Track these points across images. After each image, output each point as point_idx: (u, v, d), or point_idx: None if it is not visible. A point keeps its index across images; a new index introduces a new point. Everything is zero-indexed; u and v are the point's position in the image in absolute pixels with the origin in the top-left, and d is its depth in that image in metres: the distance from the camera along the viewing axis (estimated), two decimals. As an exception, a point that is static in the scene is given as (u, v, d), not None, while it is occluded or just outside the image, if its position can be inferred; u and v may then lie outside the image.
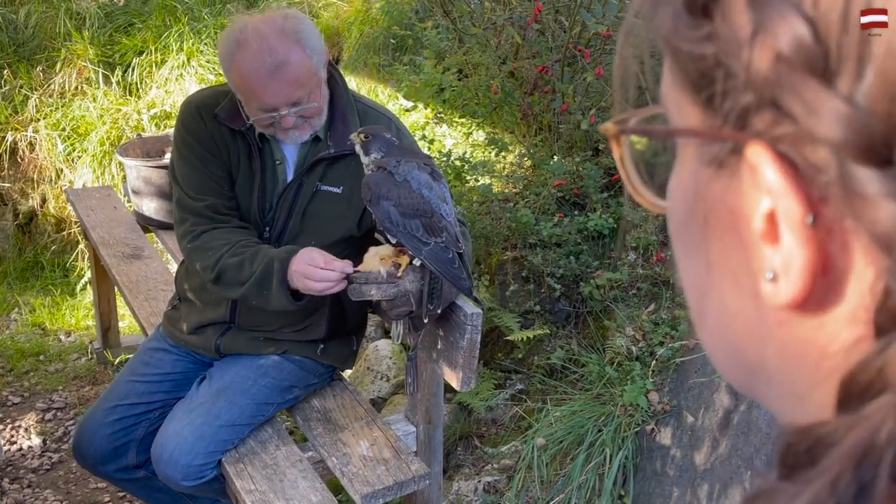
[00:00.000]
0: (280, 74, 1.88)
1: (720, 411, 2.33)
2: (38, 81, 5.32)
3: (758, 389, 0.42)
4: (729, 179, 0.37)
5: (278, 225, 2.09)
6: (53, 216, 5.15)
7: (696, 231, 0.40)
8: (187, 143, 2.07)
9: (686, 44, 0.36)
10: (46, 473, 3.12)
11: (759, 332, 0.38)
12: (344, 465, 2.06)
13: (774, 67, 0.33)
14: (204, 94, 2.16)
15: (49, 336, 4.20)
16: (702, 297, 0.42)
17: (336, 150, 2.05)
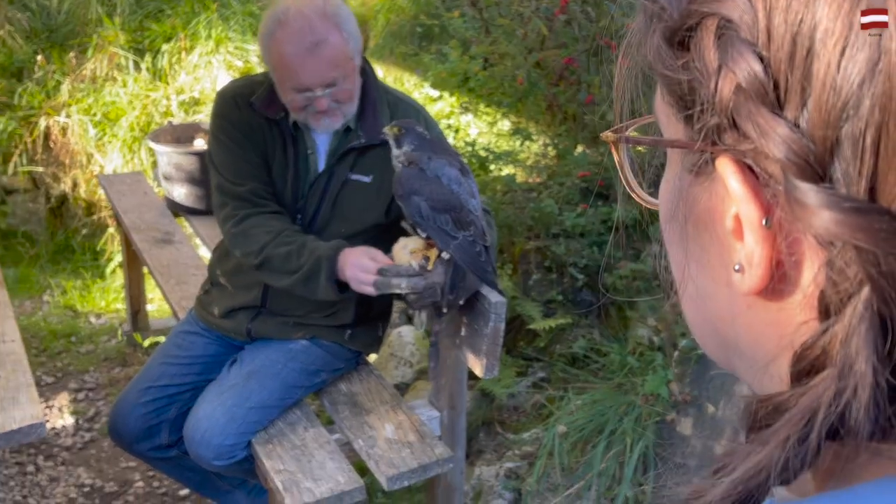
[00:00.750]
0: (318, 53, 1.94)
1: (741, 402, 2.36)
2: (71, 67, 5.39)
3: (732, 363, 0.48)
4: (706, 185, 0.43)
5: (310, 213, 2.15)
6: (84, 200, 5.24)
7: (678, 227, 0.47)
8: (225, 130, 2.13)
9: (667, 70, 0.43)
10: (79, 452, 3.21)
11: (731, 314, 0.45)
12: (370, 447, 2.12)
13: (734, 97, 0.39)
14: (238, 84, 2.22)
15: (80, 318, 4.29)
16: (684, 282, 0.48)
17: (366, 141, 2.10)
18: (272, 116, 2.09)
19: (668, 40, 0.42)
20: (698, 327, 0.50)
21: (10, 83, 5.32)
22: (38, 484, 3.00)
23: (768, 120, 0.38)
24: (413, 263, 1.88)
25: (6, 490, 2.93)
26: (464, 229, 1.87)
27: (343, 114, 2.06)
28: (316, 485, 1.98)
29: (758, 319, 0.43)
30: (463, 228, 1.86)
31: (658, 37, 0.43)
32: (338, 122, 2.06)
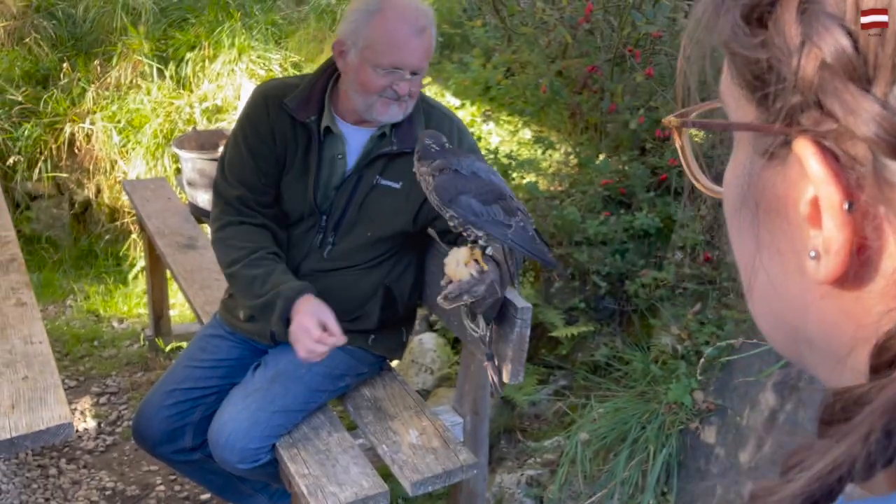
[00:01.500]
0: (423, 37, 2.01)
1: (766, 411, 2.35)
2: (96, 74, 5.45)
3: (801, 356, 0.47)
4: (779, 169, 0.42)
5: (336, 214, 2.16)
6: (108, 206, 5.28)
7: (748, 214, 0.46)
8: (243, 129, 2.16)
9: (743, 49, 0.42)
10: (101, 455, 3.22)
11: (803, 304, 0.44)
12: (394, 452, 2.12)
13: (819, 73, 0.38)
14: (274, 83, 2.25)
15: (103, 322, 4.32)
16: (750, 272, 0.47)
17: (398, 147, 2.11)
18: (302, 119, 2.10)
19: (746, 17, 0.41)
20: (766, 319, 0.48)
21: (36, 90, 5.38)
22: (61, 487, 3.02)
23: (856, 97, 0.37)
24: (473, 273, 1.86)
25: (29, 493, 2.95)
26: (513, 216, 1.86)
27: (407, 108, 2.09)
28: (340, 489, 1.99)
29: (832, 309, 0.42)
30: (512, 215, 1.86)
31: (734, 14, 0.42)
32: (401, 114, 2.08)
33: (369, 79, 2.03)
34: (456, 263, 1.88)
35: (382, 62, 2.00)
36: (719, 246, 2.91)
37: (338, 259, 2.19)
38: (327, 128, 2.13)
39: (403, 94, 2.04)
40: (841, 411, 0.39)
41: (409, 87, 2.04)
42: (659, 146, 3.21)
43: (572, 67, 3.53)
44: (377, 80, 2.02)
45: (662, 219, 3.01)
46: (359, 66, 2.03)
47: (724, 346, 2.57)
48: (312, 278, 2.19)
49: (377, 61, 2.01)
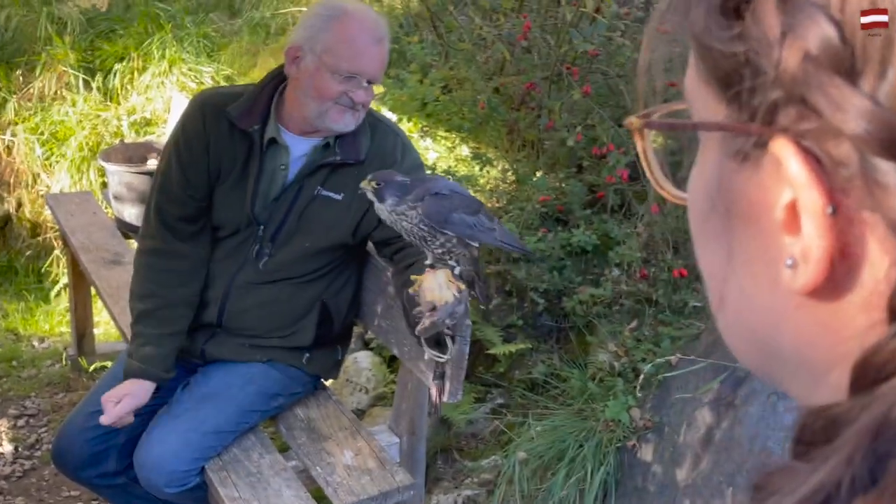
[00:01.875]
0: (381, 47, 2.02)
1: (702, 428, 2.35)
2: (18, 85, 5.27)
3: (774, 372, 0.44)
4: (752, 172, 0.39)
5: (274, 225, 2.10)
6: (29, 220, 5.10)
7: (717, 221, 0.42)
8: (176, 140, 2.12)
9: (716, 43, 0.38)
10: (18, 480, 3.07)
11: (776, 317, 0.40)
12: (328, 474, 2.05)
13: (802, 66, 0.35)
14: (214, 91, 2.24)
15: (22, 342, 4.15)
16: (721, 284, 0.44)
17: (342, 158, 2.07)
18: (245, 127, 2.05)
19: (720, 8, 0.38)
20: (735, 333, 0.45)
21: (-46, 100, 5.18)
22: (-26, 515, 2.86)
23: (843, 91, 0.34)
24: (455, 294, 1.80)
25: (-61, 521, 2.80)
26: (492, 220, 1.84)
27: (359, 118, 2.06)
28: (272, 513, 1.91)
29: (808, 322, 0.39)
30: (491, 219, 1.84)
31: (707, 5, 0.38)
32: (354, 123, 2.05)
33: (326, 85, 1.99)
34: (439, 287, 1.80)
35: (341, 68, 1.98)
36: (655, 263, 2.92)
37: (274, 271, 2.13)
38: (271, 139, 2.07)
39: (359, 103, 2.02)
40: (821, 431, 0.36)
41: (364, 95, 2.02)
42: (596, 164, 3.22)
43: (510, 84, 3.53)
44: (334, 87, 1.99)
45: (599, 236, 3.02)
46: (315, 72, 2.00)
47: (661, 362, 2.58)
48: (248, 290, 2.14)
49: (336, 67, 1.98)
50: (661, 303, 2.80)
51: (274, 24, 5.47)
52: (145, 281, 2.16)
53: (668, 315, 2.76)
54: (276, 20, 5.50)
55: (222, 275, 2.16)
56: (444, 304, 1.75)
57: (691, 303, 2.76)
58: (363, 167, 2.07)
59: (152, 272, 2.16)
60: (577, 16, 3.29)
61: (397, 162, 2.11)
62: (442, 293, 1.76)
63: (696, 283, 2.88)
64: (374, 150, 2.11)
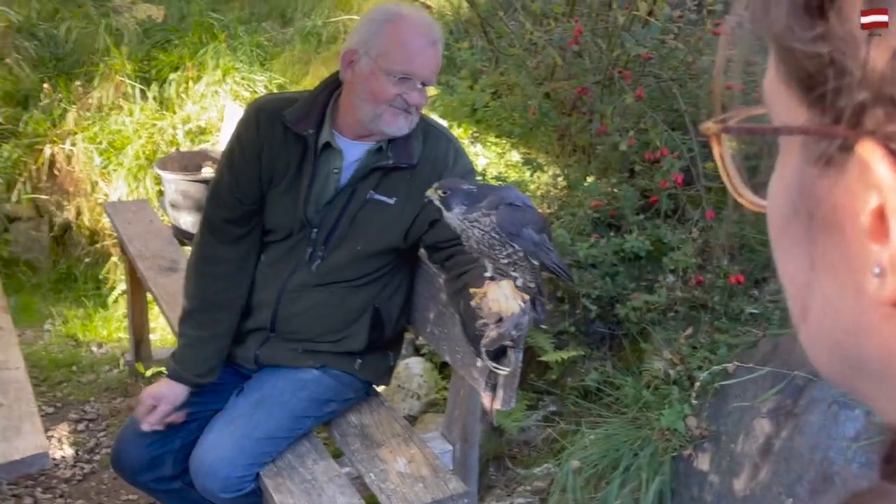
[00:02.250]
0: (435, 49, 2.04)
1: (761, 437, 2.30)
2: (77, 95, 5.39)
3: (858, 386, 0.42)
4: (836, 177, 0.37)
5: (326, 228, 2.13)
6: (88, 228, 5.21)
7: (799, 228, 0.41)
8: (231, 146, 2.17)
9: (799, 43, 0.37)
10: (78, 484, 3.13)
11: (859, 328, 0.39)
12: (382, 481, 2.06)
13: (891, 65, 0.33)
14: (270, 97, 2.29)
15: (82, 347, 4.23)
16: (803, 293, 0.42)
17: (394, 162, 2.09)
18: (300, 132, 2.08)
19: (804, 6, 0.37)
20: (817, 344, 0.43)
21: (16, 111, 5.32)
22: (36, 517, 2.93)
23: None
24: (521, 304, 1.78)
25: (3, 523, 2.86)
26: (552, 240, 1.83)
27: (412, 122, 2.08)
28: (326, 519, 1.92)
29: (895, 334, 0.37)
30: (552, 240, 1.82)
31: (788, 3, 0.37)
32: (407, 126, 2.07)
33: (381, 87, 2.02)
34: (504, 298, 1.77)
35: (396, 70, 2.00)
36: (711, 269, 2.88)
37: (326, 274, 2.15)
38: (326, 143, 2.10)
39: (413, 104, 2.03)
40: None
41: (418, 97, 2.03)
42: (649, 168, 3.18)
43: (561, 89, 3.51)
44: (389, 89, 2.01)
45: (653, 242, 2.98)
46: (370, 75, 2.02)
47: (717, 370, 2.53)
48: (301, 293, 2.16)
49: (391, 68, 2.00)
50: (717, 309, 2.75)
51: (325, 32, 5.51)
52: (189, 282, 2.23)
53: (724, 322, 2.71)
54: (328, 28, 5.54)
55: (275, 278, 2.18)
56: (511, 315, 1.72)
57: (748, 310, 2.71)
58: (415, 172, 2.10)
59: (195, 275, 2.22)
60: (630, 19, 3.26)
61: (449, 167, 2.12)
62: (508, 304, 1.72)
63: (753, 289, 2.83)
64: (427, 154, 2.12)
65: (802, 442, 2.19)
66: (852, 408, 2.18)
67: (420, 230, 2.12)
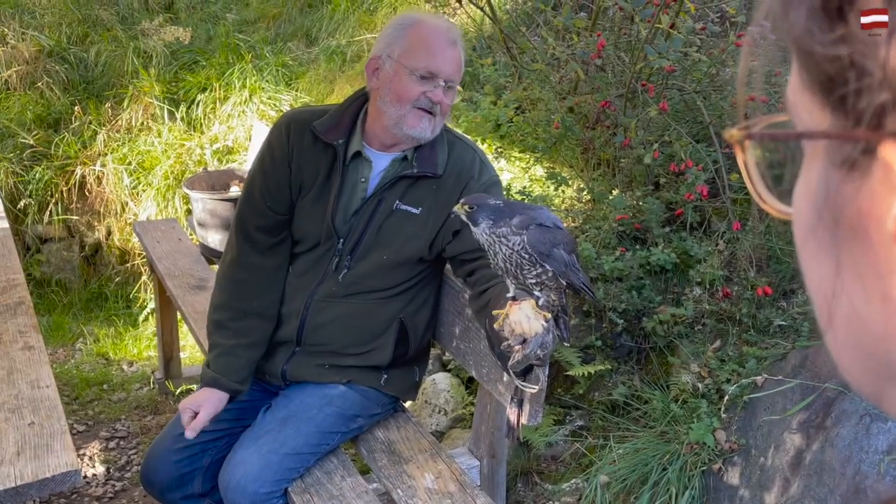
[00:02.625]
0: (455, 49, 2.09)
1: (791, 451, 2.27)
2: (107, 117, 5.48)
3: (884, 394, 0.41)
4: (860, 181, 0.37)
5: (354, 237, 2.15)
6: (118, 248, 5.27)
7: (824, 234, 0.40)
8: (262, 155, 2.22)
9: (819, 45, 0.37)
10: (110, 502, 3.16)
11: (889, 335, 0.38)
12: (409, 497, 2.05)
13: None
14: (302, 109, 2.35)
15: (112, 366, 4.28)
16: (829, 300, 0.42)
17: (419, 170, 2.11)
18: (330, 141, 2.12)
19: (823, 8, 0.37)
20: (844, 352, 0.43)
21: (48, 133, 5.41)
22: (69, 534, 2.95)
23: None
24: (544, 324, 1.78)
25: (36, 540, 2.89)
26: (579, 259, 1.83)
27: (435, 126, 2.11)
28: (354, 535, 1.92)
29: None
30: (578, 260, 1.82)
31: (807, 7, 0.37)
32: (430, 130, 2.10)
33: (404, 86, 2.06)
34: (527, 319, 1.76)
35: (418, 66, 2.04)
36: (738, 281, 2.86)
37: (353, 283, 2.17)
38: (356, 152, 2.14)
39: (437, 101, 2.06)
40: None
41: (442, 94, 2.06)
42: (674, 181, 3.17)
43: (584, 103, 3.51)
44: (412, 87, 2.05)
45: (679, 254, 2.97)
46: (394, 76, 2.07)
47: (746, 383, 2.51)
48: (328, 304, 2.18)
49: (413, 66, 2.05)
50: (745, 322, 2.73)
51: (350, 51, 5.56)
52: (222, 292, 2.24)
53: (752, 335, 2.69)
54: (352, 47, 5.59)
55: (302, 289, 2.20)
56: (534, 335, 1.72)
57: (777, 321, 2.69)
58: (441, 182, 2.12)
59: (229, 283, 2.23)
60: (652, 32, 3.25)
61: (474, 178, 2.13)
62: (531, 325, 1.72)
63: (782, 301, 2.80)
64: (452, 165, 2.15)
65: (834, 455, 2.16)
66: (885, 420, 2.16)
67: (444, 240, 2.14)
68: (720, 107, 3.19)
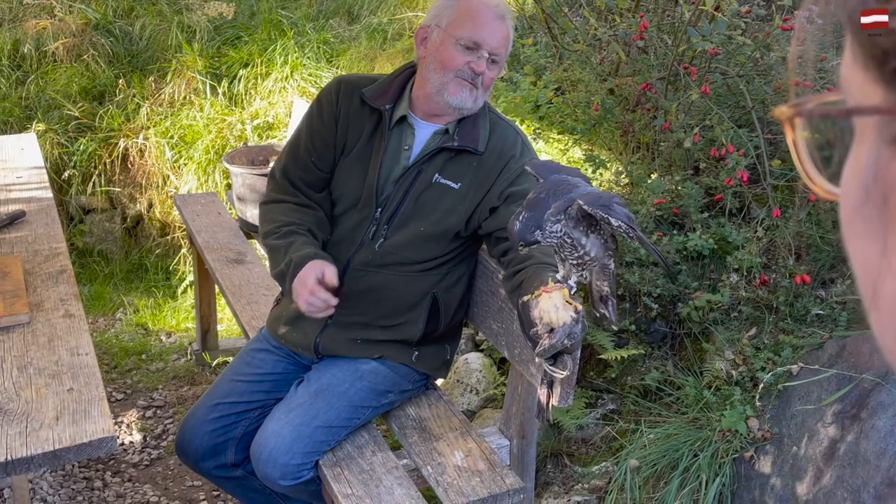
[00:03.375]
0: (503, 22, 2.13)
1: (825, 441, 2.25)
2: (150, 91, 5.53)
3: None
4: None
5: (391, 207, 2.18)
6: (159, 220, 5.34)
7: (871, 213, 0.40)
8: (311, 109, 2.27)
9: None
10: (146, 469, 3.23)
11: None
12: (439, 474, 2.07)
13: None
14: (353, 75, 2.38)
15: (151, 336, 4.35)
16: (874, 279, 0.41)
17: (460, 144, 2.14)
18: (376, 105, 2.17)
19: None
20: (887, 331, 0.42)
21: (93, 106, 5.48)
22: (105, 500, 3.02)
23: None
24: (572, 315, 1.72)
25: (74, 504, 2.96)
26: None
27: (477, 98, 2.14)
28: (383, 510, 1.94)
29: None
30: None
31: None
32: (471, 100, 2.13)
33: (449, 54, 2.09)
34: (555, 309, 1.72)
35: (464, 36, 2.08)
36: (776, 269, 2.82)
37: (389, 254, 2.19)
38: (401, 118, 2.18)
39: (480, 72, 2.09)
40: None
41: (485, 68, 2.09)
42: (714, 166, 3.13)
43: (625, 85, 3.47)
44: (457, 56, 2.09)
45: (717, 240, 2.93)
46: (440, 45, 2.11)
47: (781, 372, 2.48)
48: (364, 273, 2.20)
49: (459, 35, 2.08)
50: (782, 310, 2.70)
51: (391, 29, 5.55)
52: (277, 216, 2.22)
53: (789, 323, 2.66)
54: (393, 25, 5.58)
55: (339, 257, 2.21)
56: (562, 325, 1.70)
57: (814, 311, 2.65)
58: (482, 160, 2.15)
59: (282, 212, 2.23)
60: (696, 14, 3.21)
61: (515, 157, 2.15)
62: (559, 315, 1.70)
63: (820, 290, 2.77)
64: (494, 143, 2.17)
65: (869, 447, 2.14)
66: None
67: (481, 217, 2.16)
68: (763, 91, 3.14)
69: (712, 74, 3.23)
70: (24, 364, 1.88)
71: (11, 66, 5.65)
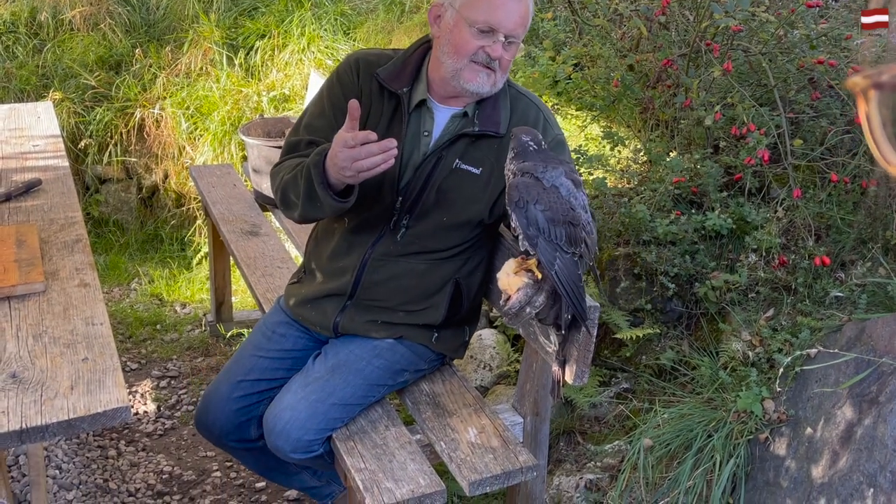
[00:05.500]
0: (520, 3, 1.97)
1: (842, 424, 2.23)
2: (167, 61, 5.51)
3: None
4: None
5: (412, 195, 2.10)
6: (174, 191, 5.35)
7: None
8: (331, 86, 2.15)
9: None
10: (160, 438, 3.24)
11: None
12: (452, 450, 2.07)
13: None
14: (370, 51, 2.21)
15: (166, 306, 4.37)
16: None
17: (480, 129, 2.05)
18: (395, 89, 2.07)
19: None
20: None
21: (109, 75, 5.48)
22: (119, 468, 3.04)
23: None
24: (525, 279, 1.75)
25: (88, 473, 2.98)
26: (575, 245, 1.76)
27: (496, 81, 2.03)
28: (396, 486, 1.94)
29: None
30: (574, 245, 1.76)
31: None
32: (488, 85, 2.02)
33: (463, 38, 1.97)
34: (507, 274, 1.77)
35: (479, 19, 1.95)
36: (795, 250, 2.79)
37: (411, 243, 2.13)
38: (421, 101, 2.08)
39: (496, 57, 1.98)
40: None
41: (501, 52, 1.97)
42: (734, 144, 3.09)
43: (645, 62, 3.43)
44: (471, 41, 1.97)
45: (735, 220, 2.90)
46: (454, 27, 1.99)
47: (797, 354, 2.46)
48: (385, 262, 2.15)
49: (473, 19, 1.95)
50: (801, 292, 2.68)
51: (408, 2, 5.50)
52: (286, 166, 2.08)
53: (807, 305, 2.63)
54: (411, -2, 5.53)
55: (359, 245, 2.16)
56: (517, 291, 1.72)
57: (833, 293, 2.62)
58: (503, 141, 2.05)
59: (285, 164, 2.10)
60: (720, -10, 3.15)
61: None
62: (510, 280, 1.73)
63: (839, 272, 2.74)
64: (515, 123, 2.07)
65: (886, 431, 2.12)
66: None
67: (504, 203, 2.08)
68: (786, 70, 3.09)
69: (734, 52, 3.19)
70: (40, 333, 1.88)
71: (28, 34, 5.64)
